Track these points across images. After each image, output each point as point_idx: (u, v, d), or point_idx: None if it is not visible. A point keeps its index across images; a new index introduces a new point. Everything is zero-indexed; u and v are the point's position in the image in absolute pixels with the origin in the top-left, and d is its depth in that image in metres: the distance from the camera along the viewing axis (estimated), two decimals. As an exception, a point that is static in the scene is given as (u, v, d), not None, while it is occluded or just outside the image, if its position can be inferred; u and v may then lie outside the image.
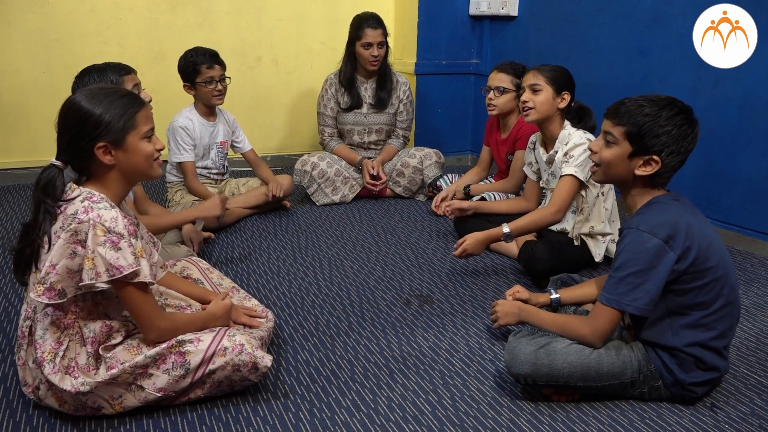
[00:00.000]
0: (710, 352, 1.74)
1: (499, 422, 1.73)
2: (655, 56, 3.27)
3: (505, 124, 3.33)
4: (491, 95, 3.23)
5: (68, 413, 1.68)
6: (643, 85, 3.31)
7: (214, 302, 1.90)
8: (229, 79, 3.24)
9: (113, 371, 1.62)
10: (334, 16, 4.32)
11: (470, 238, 2.55)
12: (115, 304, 1.71)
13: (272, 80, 4.36)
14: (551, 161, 2.68)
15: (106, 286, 1.58)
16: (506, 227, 2.52)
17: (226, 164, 3.42)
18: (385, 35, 3.61)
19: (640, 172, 1.76)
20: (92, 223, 1.56)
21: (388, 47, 3.67)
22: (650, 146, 1.73)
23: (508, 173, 3.31)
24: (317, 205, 3.63)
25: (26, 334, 1.66)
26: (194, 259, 2.24)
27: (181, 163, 3.17)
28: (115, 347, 1.70)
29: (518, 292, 2.17)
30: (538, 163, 2.83)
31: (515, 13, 4.10)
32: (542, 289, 2.51)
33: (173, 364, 1.66)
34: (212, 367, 1.67)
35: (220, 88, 3.19)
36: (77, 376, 1.62)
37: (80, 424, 1.68)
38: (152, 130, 1.71)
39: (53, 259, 1.58)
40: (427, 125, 4.47)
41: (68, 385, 1.60)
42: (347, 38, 3.67)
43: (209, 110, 3.27)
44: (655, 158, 1.73)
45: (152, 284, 1.65)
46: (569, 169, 2.54)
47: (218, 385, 1.72)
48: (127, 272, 1.57)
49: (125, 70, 2.42)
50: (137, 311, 1.65)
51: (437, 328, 2.25)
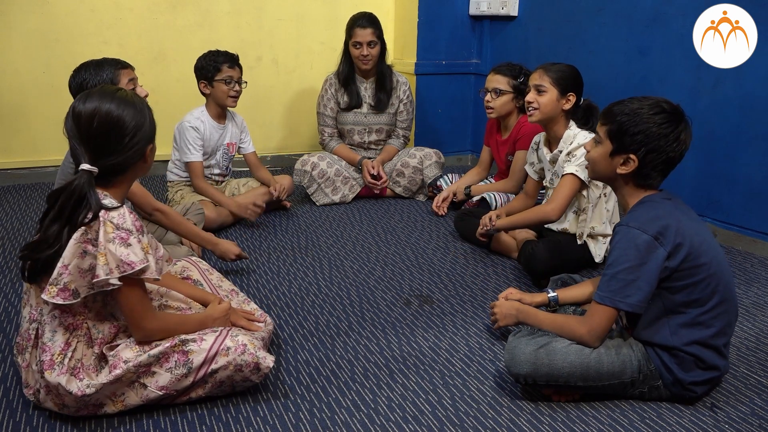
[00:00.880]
0: (710, 350, 1.74)
1: (499, 422, 1.73)
2: (655, 56, 3.27)
3: (505, 124, 3.34)
4: (488, 98, 3.23)
5: (69, 414, 1.68)
6: (643, 85, 3.31)
7: (211, 305, 1.90)
8: (245, 83, 3.25)
9: (117, 371, 1.62)
10: (334, 16, 4.32)
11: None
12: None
13: (272, 80, 4.36)
14: (555, 160, 2.68)
15: (119, 283, 1.58)
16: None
17: (229, 166, 3.42)
18: (377, 35, 3.60)
19: (620, 170, 1.78)
20: (102, 220, 1.57)
21: (384, 48, 3.67)
22: (627, 144, 1.75)
23: (508, 173, 3.32)
24: (317, 205, 3.63)
25: (32, 336, 1.66)
26: (194, 259, 2.24)
27: (189, 162, 3.18)
28: (118, 345, 1.70)
29: (511, 293, 2.16)
30: (540, 162, 2.83)
31: (515, 13, 4.10)
32: (542, 288, 2.51)
33: (176, 362, 1.66)
34: (215, 366, 1.67)
35: (237, 89, 3.21)
36: (82, 378, 1.62)
37: (80, 424, 1.68)
38: None
39: (65, 259, 1.58)
40: (427, 125, 4.47)
41: (74, 387, 1.60)
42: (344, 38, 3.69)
43: (221, 112, 3.27)
44: (632, 157, 1.75)
45: (158, 279, 1.66)
46: (570, 168, 2.55)
47: (220, 384, 1.72)
48: (138, 268, 1.58)
49: (121, 64, 2.44)
50: (130, 308, 1.65)
51: (437, 328, 2.25)
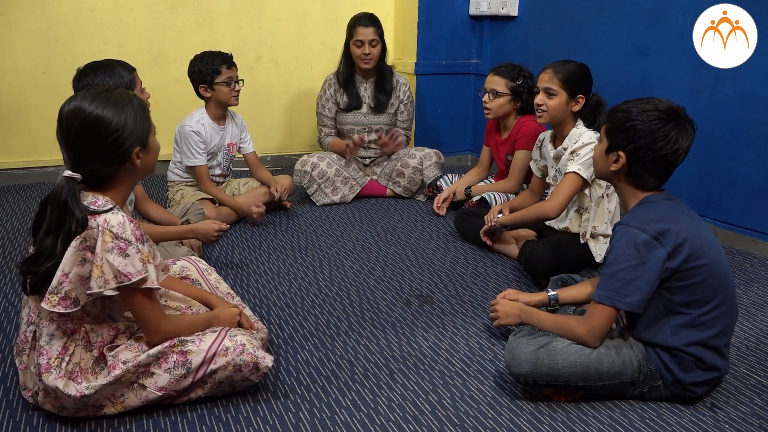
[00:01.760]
0: (710, 351, 1.74)
1: (499, 422, 1.73)
2: (655, 56, 3.27)
3: (504, 125, 3.34)
4: (486, 98, 3.24)
5: (68, 416, 1.68)
6: (643, 85, 3.31)
7: (220, 307, 1.89)
8: (242, 81, 3.25)
9: (116, 372, 1.62)
10: (334, 16, 4.32)
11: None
12: (119, 305, 1.70)
13: (272, 80, 4.36)
14: (558, 157, 2.68)
15: (114, 293, 1.57)
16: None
17: (230, 167, 3.42)
18: (378, 34, 3.60)
19: (612, 168, 1.79)
20: (100, 229, 1.55)
21: (384, 48, 3.67)
22: (618, 141, 1.76)
23: (508, 173, 3.32)
24: (317, 205, 3.63)
25: (29, 339, 1.66)
26: (194, 258, 2.23)
27: (194, 167, 3.18)
28: (118, 346, 1.70)
29: (509, 294, 2.13)
30: (543, 159, 2.83)
31: (515, 13, 4.10)
32: (542, 288, 2.51)
33: (175, 363, 1.66)
34: (213, 367, 1.67)
35: (238, 88, 3.21)
36: (80, 381, 1.62)
37: (80, 424, 1.68)
38: None
39: (65, 267, 1.56)
40: (427, 125, 4.47)
41: (73, 390, 1.60)
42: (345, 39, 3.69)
43: (221, 113, 3.27)
44: (620, 153, 1.76)
45: (156, 290, 1.65)
46: (573, 166, 2.55)
47: (219, 385, 1.72)
48: (135, 279, 1.57)
49: (131, 67, 2.43)
50: (143, 316, 1.65)
51: (437, 328, 2.25)
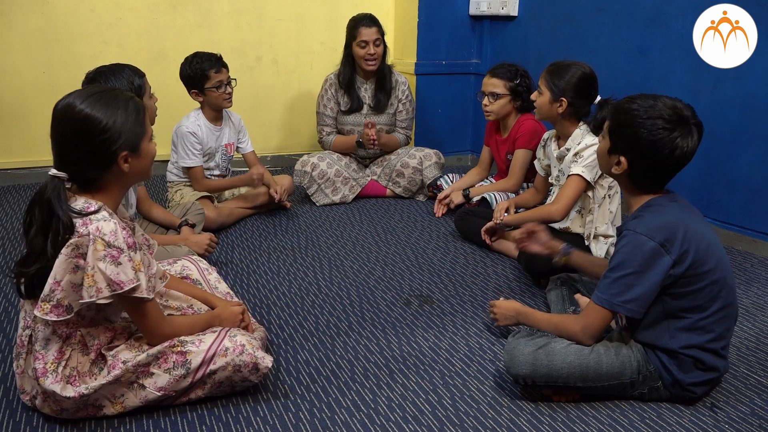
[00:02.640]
0: (709, 353, 1.74)
1: (499, 422, 1.73)
2: (655, 56, 3.27)
3: (504, 124, 3.34)
4: (486, 101, 3.24)
5: (67, 418, 1.68)
6: (643, 85, 3.31)
7: (223, 306, 1.89)
8: (234, 81, 3.24)
9: (116, 372, 1.62)
10: (334, 16, 4.32)
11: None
12: (115, 307, 1.69)
13: (272, 80, 4.36)
14: (562, 157, 2.68)
15: (107, 300, 1.56)
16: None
17: (228, 167, 3.42)
18: (381, 34, 3.61)
19: (614, 170, 1.77)
20: (92, 237, 1.53)
21: (386, 48, 3.67)
22: (620, 145, 1.73)
23: (508, 173, 3.32)
24: (317, 205, 3.63)
25: (25, 343, 1.65)
26: (194, 258, 2.24)
27: (189, 168, 3.18)
28: (117, 346, 1.70)
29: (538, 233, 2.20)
30: (547, 158, 2.83)
31: (515, 13, 4.10)
32: (543, 288, 2.52)
33: (174, 363, 1.66)
34: (213, 367, 1.67)
35: (229, 90, 3.19)
36: (78, 384, 1.62)
37: (80, 424, 1.68)
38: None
39: (56, 275, 1.54)
40: (427, 125, 4.47)
41: (71, 392, 1.60)
42: (345, 41, 3.68)
43: (217, 114, 3.27)
44: (621, 159, 1.73)
45: (150, 299, 1.62)
46: (577, 168, 2.54)
47: (219, 385, 1.72)
48: (127, 287, 1.55)
49: (141, 72, 2.43)
50: (141, 321, 1.65)
51: (437, 328, 2.25)
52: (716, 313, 1.72)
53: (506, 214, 2.81)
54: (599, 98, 2.53)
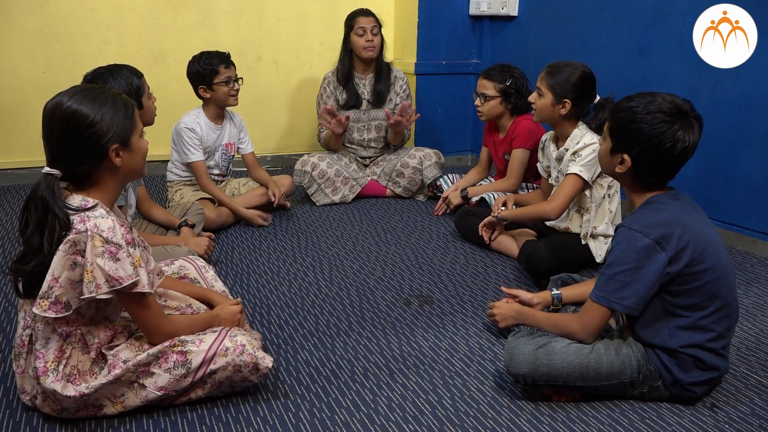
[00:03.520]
0: (709, 352, 1.74)
1: (499, 422, 1.73)
2: (655, 56, 3.27)
3: (501, 124, 3.35)
4: (477, 102, 3.27)
5: (68, 418, 1.68)
6: (643, 85, 3.31)
7: (222, 305, 1.89)
8: (241, 79, 3.24)
9: (116, 371, 1.62)
10: (334, 16, 4.32)
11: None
12: (114, 305, 1.70)
13: (272, 80, 4.36)
14: (561, 158, 2.68)
15: (107, 296, 1.57)
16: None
17: (229, 166, 3.42)
18: (378, 25, 3.64)
19: (617, 169, 1.77)
20: (90, 233, 1.53)
21: (383, 40, 3.70)
22: (622, 143, 1.74)
23: (506, 173, 3.32)
24: (317, 205, 3.63)
25: (26, 342, 1.65)
26: (192, 258, 2.25)
27: (191, 163, 3.17)
28: (117, 345, 1.70)
29: (514, 293, 2.18)
30: (547, 160, 2.83)
31: (515, 13, 4.10)
32: (542, 288, 2.51)
33: (174, 363, 1.66)
34: (213, 367, 1.67)
35: (237, 87, 3.20)
36: (79, 383, 1.62)
37: (80, 424, 1.68)
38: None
39: (54, 272, 1.55)
40: (427, 125, 4.47)
41: (72, 391, 1.60)
42: (343, 36, 3.70)
43: (219, 113, 3.26)
44: (625, 156, 1.73)
45: (150, 294, 1.63)
46: (575, 168, 2.54)
47: (219, 385, 1.72)
48: (126, 283, 1.56)
49: (139, 72, 2.43)
50: (141, 319, 1.65)
51: (437, 328, 2.25)
52: (716, 312, 1.72)
53: (503, 208, 2.81)
54: (598, 98, 2.53)
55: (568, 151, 2.62)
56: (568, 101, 2.57)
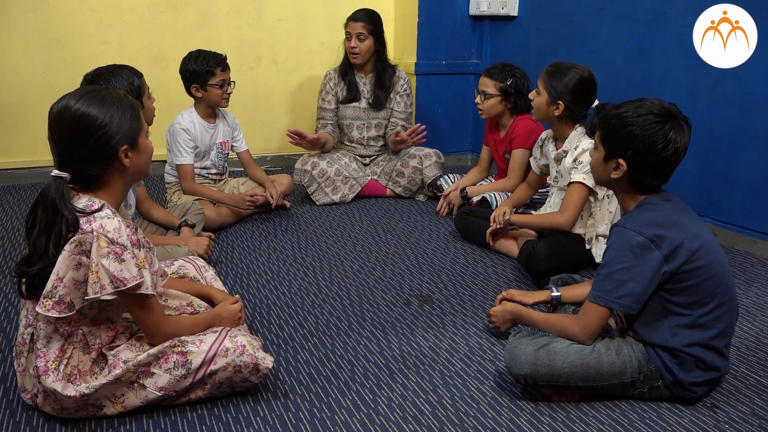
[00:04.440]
0: (710, 351, 1.74)
1: (499, 422, 1.73)
2: (655, 56, 3.27)
3: (501, 123, 3.36)
4: (478, 99, 3.29)
5: (68, 417, 1.68)
6: (643, 85, 3.31)
7: (222, 304, 1.89)
8: (234, 83, 3.24)
9: (116, 371, 1.62)
10: (334, 16, 4.32)
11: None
12: (116, 306, 1.70)
13: (272, 80, 4.36)
14: (559, 159, 2.68)
15: (111, 297, 1.57)
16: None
17: (225, 165, 3.42)
18: (369, 30, 3.60)
19: (613, 175, 1.78)
20: (96, 234, 1.54)
21: (378, 44, 3.65)
22: (616, 149, 1.75)
23: (507, 172, 3.32)
24: (317, 204, 3.63)
25: (27, 341, 1.65)
26: (191, 257, 2.25)
27: (179, 165, 3.16)
28: (118, 346, 1.70)
29: (511, 294, 2.19)
30: (544, 158, 2.83)
31: (515, 13, 4.10)
32: (543, 288, 2.51)
33: (175, 363, 1.66)
34: (214, 367, 1.67)
35: (230, 91, 3.20)
36: (79, 383, 1.62)
37: (80, 424, 1.68)
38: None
39: (59, 271, 1.55)
40: (427, 125, 4.44)
41: (72, 391, 1.60)
42: None
43: (211, 112, 3.26)
44: (620, 161, 1.75)
45: (153, 296, 1.64)
46: (578, 176, 2.54)
47: (219, 385, 1.72)
48: (130, 284, 1.56)
49: (139, 73, 2.43)
50: (143, 320, 1.65)
51: (437, 328, 2.25)
52: (716, 309, 1.72)
53: (506, 217, 2.79)
54: (597, 102, 2.54)
55: (567, 153, 2.62)
56: (561, 103, 2.57)
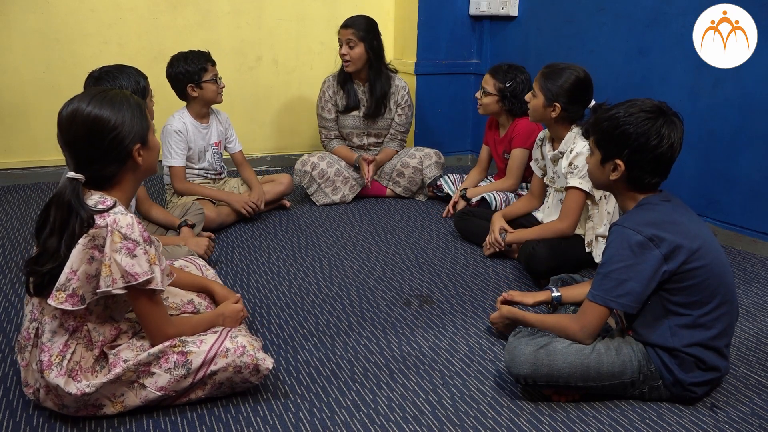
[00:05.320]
0: (710, 351, 1.74)
1: (499, 422, 1.73)
2: (655, 56, 3.27)
3: (501, 123, 3.37)
4: (478, 94, 3.31)
5: (68, 415, 1.68)
6: (643, 85, 3.31)
7: (225, 304, 1.90)
8: (221, 79, 3.24)
9: (117, 370, 1.62)
10: (334, 16, 4.31)
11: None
12: (121, 305, 1.71)
13: (272, 80, 4.36)
14: (556, 160, 2.69)
15: (122, 292, 1.58)
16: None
17: (222, 164, 3.41)
18: (359, 37, 3.52)
19: (612, 177, 1.78)
20: (110, 229, 1.56)
21: (370, 51, 3.58)
22: (612, 150, 1.76)
23: (506, 172, 3.32)
24: (317, 205, 3.63)
25: (32, 335, 1.66)
26: (191, 257, 2.25)
27: (171, 166, 3.15)
28: (119, 345, 1.70)
29: (510, 296, 2.20)
30: (544, 159, 2.84)
31: (515, 13, 4.10)
32: (543, 288, 2.51)
33: (175, 363, 1.66)
34: (214, 368, 1.67)
35: (223, 85, 3.21)
36: (80, 380, 1.62)
37: (80, 424, 1.68)
38: None
39: (73, 265, 1.57)
40: (427, 125, 4.47)
41: (73, 389, 1.60)
42: None
43: (205, 112, 3.25)
44: (617, 162, 1.75)
45: (161, 292, 1.65)
46: (574, 181, 2.54)
47: (219, 386, 1.72)
48: (141, 279, 1.58)
49: (144, 74, 2.46)
50: (147, 318, 1.66)
51: (437, 328, 2.25)
52: (715, 309, 1.72)
53: (503, 234, 2.79)
54: (594, 102, 2.54)
55: (563, 155, 2.62)
56: (558, 105, 2.57)
